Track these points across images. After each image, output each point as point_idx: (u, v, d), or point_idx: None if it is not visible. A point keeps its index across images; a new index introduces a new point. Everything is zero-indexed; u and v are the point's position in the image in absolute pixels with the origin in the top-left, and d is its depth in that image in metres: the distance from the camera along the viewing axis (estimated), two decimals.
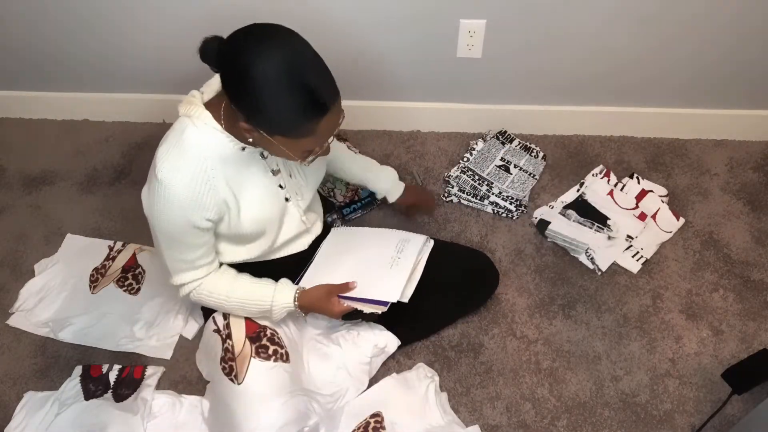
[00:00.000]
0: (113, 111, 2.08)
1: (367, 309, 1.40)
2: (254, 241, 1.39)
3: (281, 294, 1.40)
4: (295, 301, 1.40)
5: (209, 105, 1.21)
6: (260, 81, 1.04)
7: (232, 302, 1.39)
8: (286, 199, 1.37)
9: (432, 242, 1.52)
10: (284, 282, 1.43)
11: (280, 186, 1.34)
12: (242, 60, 1.04)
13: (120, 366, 1.58)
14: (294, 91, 1.05)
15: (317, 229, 1.53)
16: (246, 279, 1.41)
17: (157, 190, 1.18)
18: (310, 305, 1.41)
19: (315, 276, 1.46)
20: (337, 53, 1.82)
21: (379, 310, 1.39)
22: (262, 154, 1.29)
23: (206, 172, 1.20)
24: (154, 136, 2.06)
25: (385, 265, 1.45)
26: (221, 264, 1.40)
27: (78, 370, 1.58)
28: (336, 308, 1.39)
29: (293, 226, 1.44)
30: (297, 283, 1.45)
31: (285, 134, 1.11)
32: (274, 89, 1.04)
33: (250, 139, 1.16)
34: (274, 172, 1.25)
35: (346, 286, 1.40)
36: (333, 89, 1.10)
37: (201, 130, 1.19)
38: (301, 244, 1.50)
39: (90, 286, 1.72)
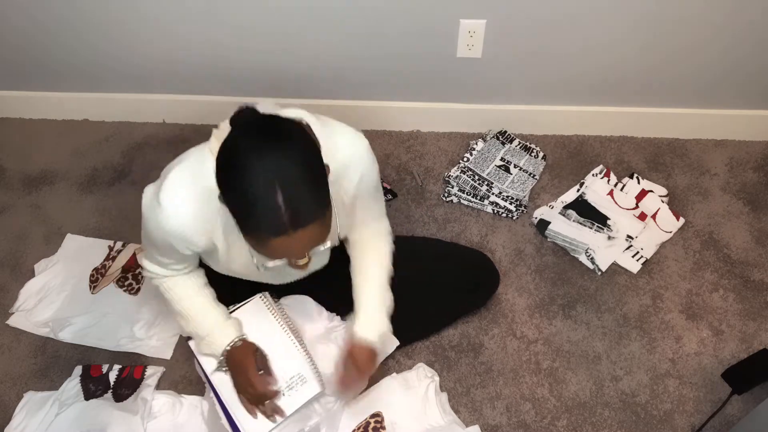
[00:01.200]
0: (113, 111, 2.08)
1: (218, 410, 1.38)
2: (245, 276, 1.38)
3: (218, 337, 1.36)
4: (222, 355, 1.36)
5: None
6: (242, 175, 0.99)
7: (179, 308, 1.36)
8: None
9: (324, 391, 1.42)
10: (229, 324, 1.38)
11: None
12: (239, 147, 1.01)
13: (120, 366, 1.58)
14: (262, 201, 0.98)
15: (322, 265, 1.46)
16: (204, 297, 1.38)
17: (156, 206, 1.16)
18: (234, 366, 1.37)
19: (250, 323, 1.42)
20: (338, 53, 1.83)
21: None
22: None
23: (206, 216, 1.18)
24: (154, 136, 2.07)
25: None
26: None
27: (78, 370, 1.58)
28: (258, 388, 1.34)
29: (289, 276, 1.41)
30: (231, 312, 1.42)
31: (243, 231, 1.05)
32: (247, 187, 0.99)
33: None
34: None
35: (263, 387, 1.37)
36: (303, 217, 1.00)
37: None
38: (300, 275, 1.45)
39: (90, 286, 1.72)
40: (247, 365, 1.35)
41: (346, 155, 1.21)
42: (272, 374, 1.39)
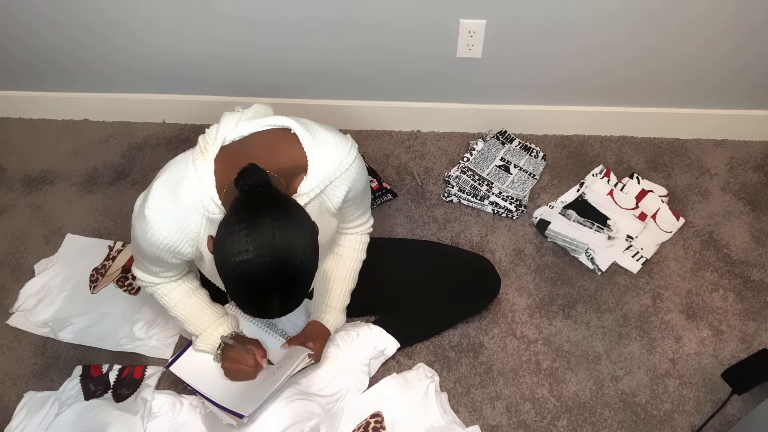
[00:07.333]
0: (113, 111, 2.08)
1: (216, 411, 1.44)
2: None
3: (211, 333, 1.42)
4: (218, 349, 1.43)
5: (223, 162, 1.16)
6: (240, 269, 1.02)
7: (175, 313, 1.41)
8: None
9: (311, 362, 1.47)
10: (223, 321, 1.43)
11: None
12: (242, 240, 1.02)
13: (120, 366, 1.58)
14: (257, 301, 1.06)
15: None
16: (198, 298, 1.42)
17: (142, 219, 1.18)
18: (229, 364, 1.43)
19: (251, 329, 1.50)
20: (338, 53, 1.83)
21: (234, 421, 1.41)
22: None
23: (191, 227, 1.19)
24: (154, 136, 2.07)
25: (261, 375, 1.45)
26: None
27: (78, 370, 1.58)
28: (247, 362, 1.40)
29: None
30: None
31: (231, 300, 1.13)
32: (245, 283, 1.03)
33: None
34: None
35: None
36: (291, 309, 1.08)
37: (198, 192, 1.16)
38: None
39: (90, 286, 1.72)
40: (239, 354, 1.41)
41: (334, 168, 1.21)
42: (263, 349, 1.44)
